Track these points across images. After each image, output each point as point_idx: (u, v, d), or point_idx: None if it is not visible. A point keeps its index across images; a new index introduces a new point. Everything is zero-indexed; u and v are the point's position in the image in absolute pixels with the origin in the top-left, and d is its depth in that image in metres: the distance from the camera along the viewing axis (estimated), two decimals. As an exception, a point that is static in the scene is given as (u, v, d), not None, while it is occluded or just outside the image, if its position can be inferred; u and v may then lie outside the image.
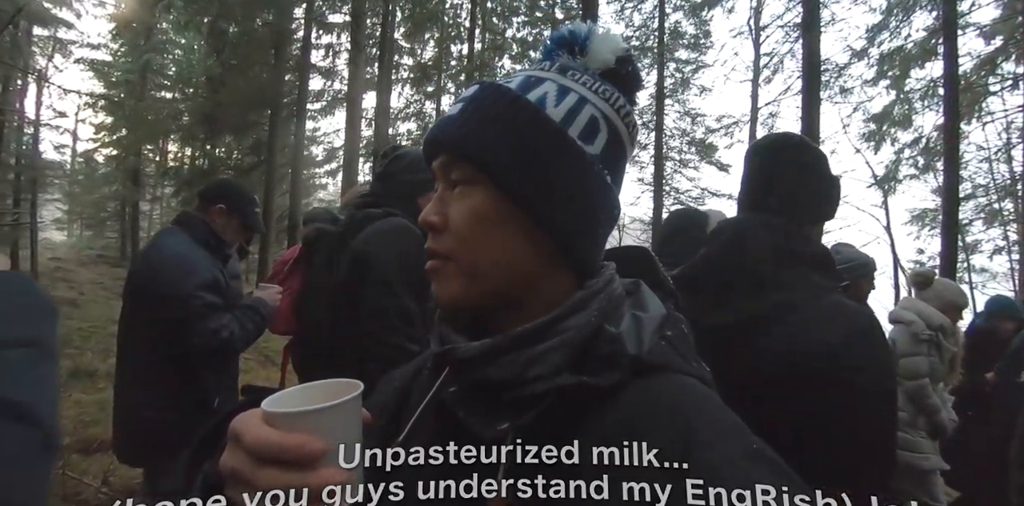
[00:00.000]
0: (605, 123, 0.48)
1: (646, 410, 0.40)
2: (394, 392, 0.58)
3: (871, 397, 0.87)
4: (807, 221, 1.06)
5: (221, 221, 1.98)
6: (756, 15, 15.50)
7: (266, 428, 0.37)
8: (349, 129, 11.51)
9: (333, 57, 14.12)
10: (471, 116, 0.46)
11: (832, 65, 12.45)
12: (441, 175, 0.48)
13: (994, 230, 12.39)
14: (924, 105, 11.60)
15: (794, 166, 1.07)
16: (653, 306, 0.49)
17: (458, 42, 16.81)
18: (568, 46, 0.51)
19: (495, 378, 0.43)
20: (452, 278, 0.47)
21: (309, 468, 0.37)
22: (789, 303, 0.95)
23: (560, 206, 0.45)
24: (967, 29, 10.49)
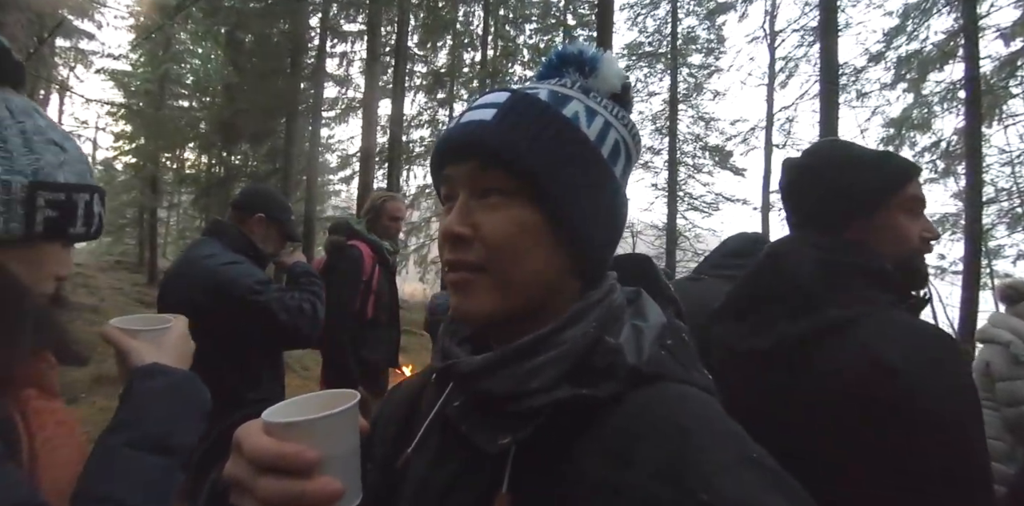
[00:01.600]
0: (624, 147, 0.50)
1: (644, 420, 0.40)
2: (402, 405, 0.59)
3: (942, 425, 0.76)
4: (836, 229, 0.97)
5: (261, 231, 1.93)
6: (771, 20, 15.46)
7: (264, 437, 0.39)
8: (365, 135, 11.57)
9: (347, 65, 14.31)
10: (509, 124, 0.45)
11: (850, 69, 12.34)
12: (467, 181, 0.47)
13: (1018, 234, 12.16)
14: (944, 108, 11.47)
15: (807, 178, 1.02)
16: (653, 315, 0.49)
17: (471, 49, 16.95)
18: (577, 65, 0.51)
19: (496, 391, 0.44)
20: (485, 291, 0.46)
21: (306, 476, 0.38)
22: (836, 322, 0.86)
23: (595, 224, 0.47)
24: (987, 31, 10.37)
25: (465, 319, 0.48)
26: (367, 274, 2.49)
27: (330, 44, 13.66)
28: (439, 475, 0.47)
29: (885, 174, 0.95)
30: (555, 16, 16.17)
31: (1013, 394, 2.51)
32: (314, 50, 13.32)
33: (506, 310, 0.46)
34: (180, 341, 0.76)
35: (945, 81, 11.27)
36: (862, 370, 0.80)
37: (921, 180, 0.99)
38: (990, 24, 10.43)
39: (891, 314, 0.86)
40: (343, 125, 15.00)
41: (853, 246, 0.93)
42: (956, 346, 0.84)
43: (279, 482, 0.38)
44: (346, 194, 17.95)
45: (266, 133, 12.94)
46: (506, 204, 0.45)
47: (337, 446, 0.40)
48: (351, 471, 0.42)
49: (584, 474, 0.39)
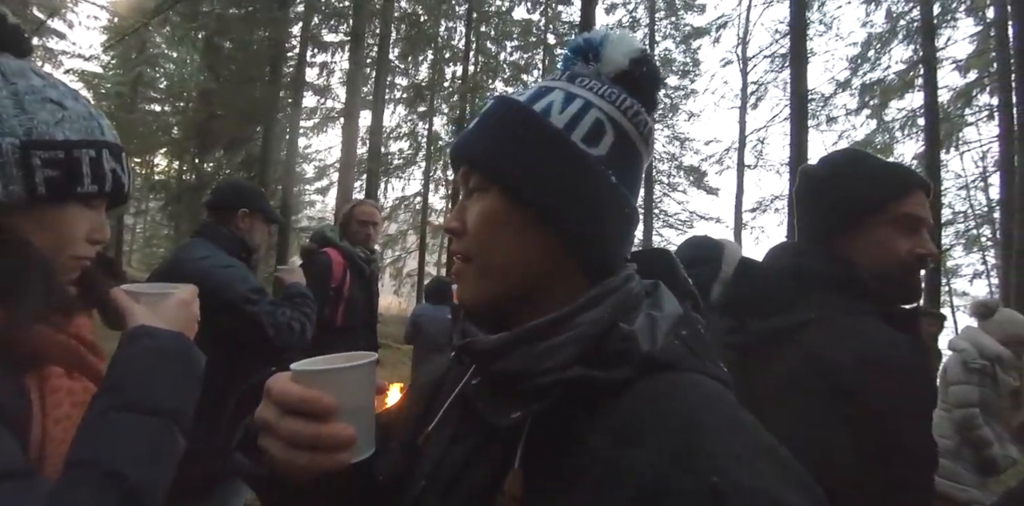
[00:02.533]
0: (611, 125, 0.50)
1: (656, 406, 0.41)
2: (428, 384, 0.62)
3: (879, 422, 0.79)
4: (821, 240, 1.01)
5: (248, 225, 1.89)
6: (743, 46, 16.11)
7: (291, 384, 0.43)
8: (345, 146, 11.48)
9: (327, 75, 14.25)
10: (483, 128, 0.51)
11: (818, 95, 12.89)
12: (461, 184, 0.53)
13: (974, 255, 12.82)
14: (904, 134, 12.07)
15: (799, 190, 1.08)
16: (669, 306, 0.50)
17: (452, 64, 17.09)
18: (583, 54, 0.53)
19: (510, 369, 0.45)
20: (471, 278, 0.51)
21: (324, 421, 0.42)
22: (794, 325, 0.92)
23: (562, 206, 0.47)
24: (944, 63, 11.02)
25: (463, 305, 0.52)
26: (336, 281, 2.45)
27: (311, 53, 13.60)
28: (455, 452, 0.49)
29: (877, 189, 0.97)
30: (536, 34, 16.49)
31: (961, 397, 2.72)
32: (294, 59, 13.23)
33: (492, 294, 0.50)
34: (180, 307, 0.74)
35: (905, 109, 11.92)
36: (807, 369, 0.85)
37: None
38: (947, 56, 11.09)
39: (848, 320, 0.89)
40: (321, 135, 14.91)
41: (825, 255, 0.98)
42: (907, 352, 0.85)
43: (300, 423, 0.42)
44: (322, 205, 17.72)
45: (242, 140, 12.71)
46: (482, 199, 0.50)
47: (354, 398, 0.44)
48: (366, 424, 0.45)
49: (595, 454, 0.40)
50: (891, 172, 1.00)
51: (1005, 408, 2.74)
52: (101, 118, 0.71)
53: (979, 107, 11.24)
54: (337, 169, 13.10)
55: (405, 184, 18.65)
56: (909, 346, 0.86)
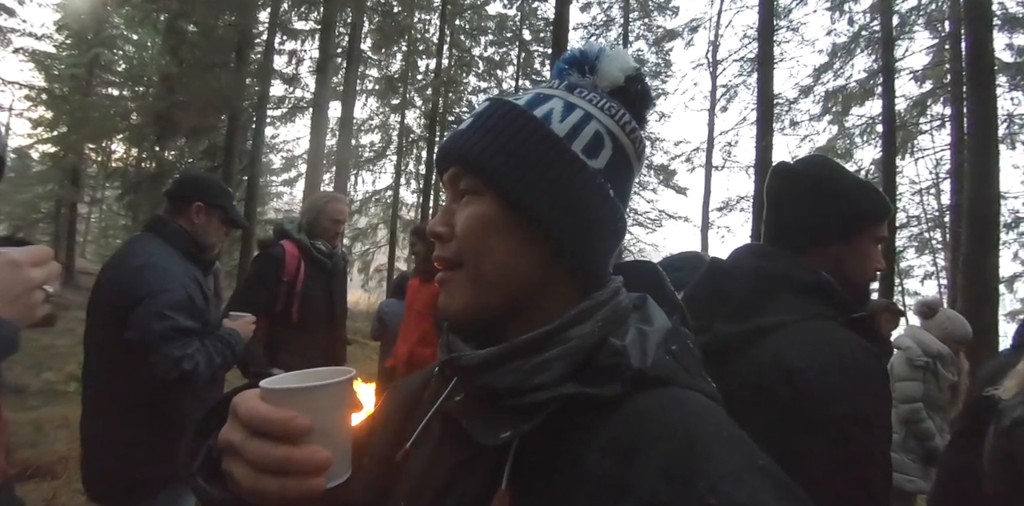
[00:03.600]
0: (610, 139, 0.49)
1: (647, 422, 0.40)
2: (403, 399, 0.59)
3: (829, 427, 0.80)
4: (806, 246, 1.02)
5: (201, 220, 1.80)
6: (714, 49, 16.40)
7: (259, 402, 0.40)
8: (314, 137, 11.22)
9: (297, 64, 13.86)
10: (478, 129, 0.48)
11: (783, 99, 13.24)
12: (449, 186, 0.50)
13: (925, 257, 13.48)
14: (863, 140, 12.52)
15: (782, 193, 1.06)
16: (659, 320, 0.49)
17: (425, 57, 16.89)
18: (579, 65, 0.52)
19: (498, 386, 0.43)
20: (460, 286, 0.48)
21: (295, 443, 0.39)
22: (768, 328, 0.92)
23: (559, 215, 0.46)
24: (902, 73, 11.47)
25: (446, 314, 0.49)
26: (289, 274, 2.37)
27: (279, 41, 13.22)
28: (438, 471, 0.47)
29: (875, 205, 1.03)
30: (511, 30, 16.42)
31: (907, 393, 2.87)
32: (262, 45, 12.84)
33: (481, 304, 0.47)
34: (1, 269, 0.61)
35: (865, 116, 12.36)
36: (767, 373, 0.86)
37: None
38: (905, 66, 11.55)
39: (811, 324, 0.92)
40: (289, 125, 14.49)
41: (791, 261, 1.00)
42: (868, 356, 0.88)
43: (268, 446, 0.38)
44: (289, 197, 17.32)
45: (205, 128, 12.28)
46: (474, 203, 0.48)
47: (329, 418, 0.41)
48: (341, 446, 0.42)
49: (585, 473, 0.39)
50: (877, 190, 1.06)
51: (945, 401, 2.91)
52: None
53: (933, 116, 11.75)
54: (305, 161, 12.80)
55: (376, 177, 18.46)
56: (871, 351, 0.89)
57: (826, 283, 0.97)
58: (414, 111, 17.74)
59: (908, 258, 13.08)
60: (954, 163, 10.05)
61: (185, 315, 1.61)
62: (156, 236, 1.75)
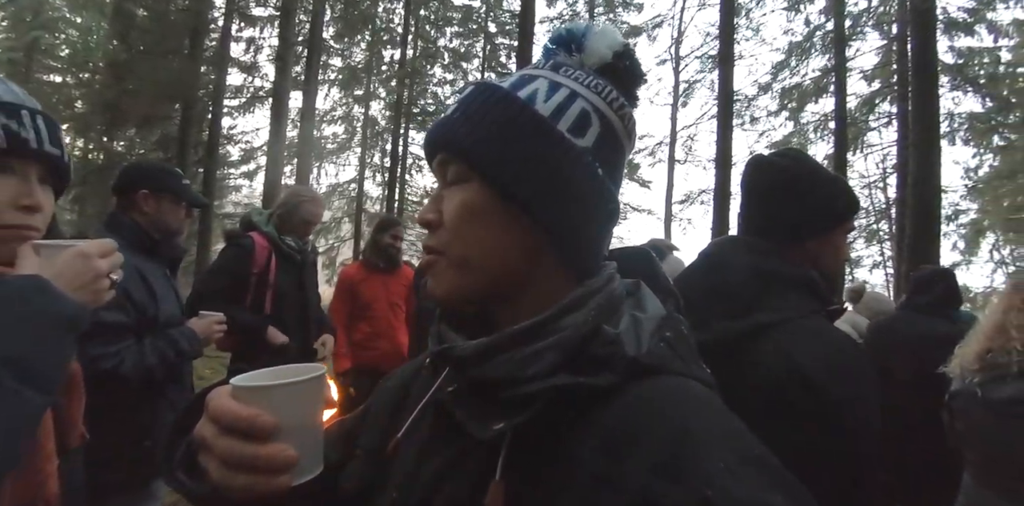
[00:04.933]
0: (597, 116, 0.48)
1: (641, 412, 0.39)
2: (393, 390, 0.59)
3: (843, 429, 0.83)
4: (789, 240, 1.03)
5: (152, 208, 1.70)
6: (676, 46, 16.71)
7: (229, 400, 0.41)
8: (274, 128, 10.89)
9: (255, 52, 13.39)
10: (462, 115, 0.47)
11: (742, 96, 13.63)
12: (438, 174, 0.50)
13: (873, 247, 14.21)
14: (817, 136, 13.04)
15: (765, 186, 1.06)
16: (652, 307, 0.48)
17: (390, 47, 16.56)
18: (565, 44, 0.52)
19: (491, 377, 0.43)
20: (444, 272, 0.47)
21: (261, 441, 0.39)
22: (767, 325, 0.93)
23: (548, 198, 0.45)
24: (853, 72, 11.98)
25: (434, 299, 0.49)
26: (259, 266, 2.32)
27: (236, 27, 12.72)
28: (431, 462, 0.46)
29: (850, 199, 1.08)
30: (477, 21, 16.28)
31: None
32: (217, 32, 12.34)
33: (466, 289, 0.47)
34: (74, 258, 0.68)
35: (819, 113, 12.87)
36: (779, 375, 0.87)
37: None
38: (855, 66, 12.06)
39: (809, 321, 0.95)
40: (248, 115, 13.99)
41: (785, 255, 1.02)
42: (860, 352, 0.93)
43: (235, 443, 0.39)
44: (248, 189, 16.76)
45: (158, 118, 11.74)
46: (461, 190, 0.47)
47: (297, 415, 0.41)
48: (310, 443, 0.43)
49: (580, 465, 0.39)
50: (847, 185, 1.10)
51: None
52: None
53: (880, 114, 12.35)
54: (265, 152, 12.40)
55: (339, 170, 18.04)
56: (858, 345, 0.95)
57: (812, 277, 1.00)
58: (379, 102, 17.42)
59: (857, 248, 13.76)
60: (900, 159, 10.59)
61: (114, 310, 1.50)
62: (113, 234, 1.66)
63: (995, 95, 11.10)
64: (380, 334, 2.97)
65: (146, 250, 1.69)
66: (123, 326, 1.53)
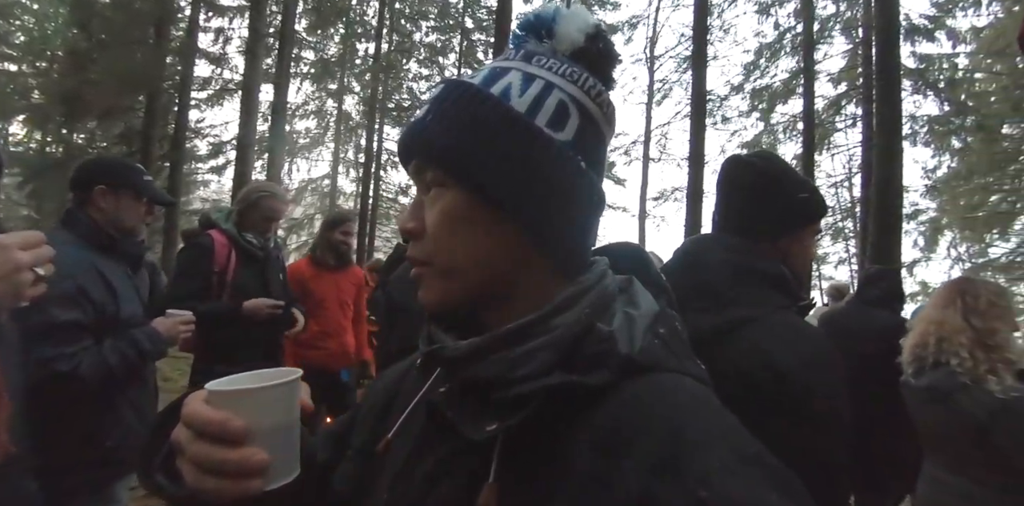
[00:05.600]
0: (575, 107, 0.46)
1: (638, 412, 0.39)
2: (382, 391, 0.58)
3: (818, 421, 0.86)
4: (762, 238, 1.06)
5: (109, 204, 1.63)
6: (651, 45, 16.90)
7: (201, 404, 0.41)
8: (244, 121, 10.60)
9: (224, 43, 13.03)
10: (435, 117, 0.45)
11: (715, 96, 13.88)
12: (415, 180, 0.48)
13: (839, 244, 14.69)
14: (786, 136, 13.39)
15: (743, 185, 1.09)
16: (646, 303, 0.48)
17: (364, 40, 16.32)
18: (535, 31, 0.50)
19: (483, 377, 0.42)
20: (432, 282, 0.47)
21: (232, 445, 0.39)
22: (743, 320, 0.94)
23: (531, 199, 0.44)
24: (820, 75, 12.33)
25: (425, 309, 0.49)
26: (220, 265, 2.25)
27: (204, 17, 12.37)
28: (423, 463, 0.46)
29: (820, 201, 1.13)
30: (454, 16, 16.17)
31: None
32: (184, 21, 11.96)
33: (455, 297, 0.46)
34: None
35: (788, 114, 13.22)
36: (754, 369, 0.88)
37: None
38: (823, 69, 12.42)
39: (782, 316, 0.98)
40: (217, 108, 13.57)
41: (759, 253, 1.05)
42: (831, 347, 0.95)
43: (206, 447, 0.39)
44: (217, 185, 16.32)
45: (120, 110, 11.31)
46: (440, 196, 0.45)
47: (271, 420, 0.41)
48: (284, 447, 0.42)
49: (575, 465, 0.38)
50: (816, 187, 1.14)
51: None
52: None
53: (846, 116, 12.74)
54: (234, 147, 12.08)
55: (312, 165, 17.82)
56: (829, 340, 0.97)
57: (784, 274, 1.03)
58: (353, 97, 17.20)
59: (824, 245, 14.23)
60: (864, 159, 10.94)
61: (70, 309, 1.43)
62: (68, 232, 1.60)
63: (953, 99, 11.55)
64: (329, 333, 2.90)
65: (103, 248, 1.61)
66: (80, 326, 1.47)
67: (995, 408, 1.41)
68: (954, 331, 1.53)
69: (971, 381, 1.45)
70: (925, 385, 1.56)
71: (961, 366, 1.48)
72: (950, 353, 1.51)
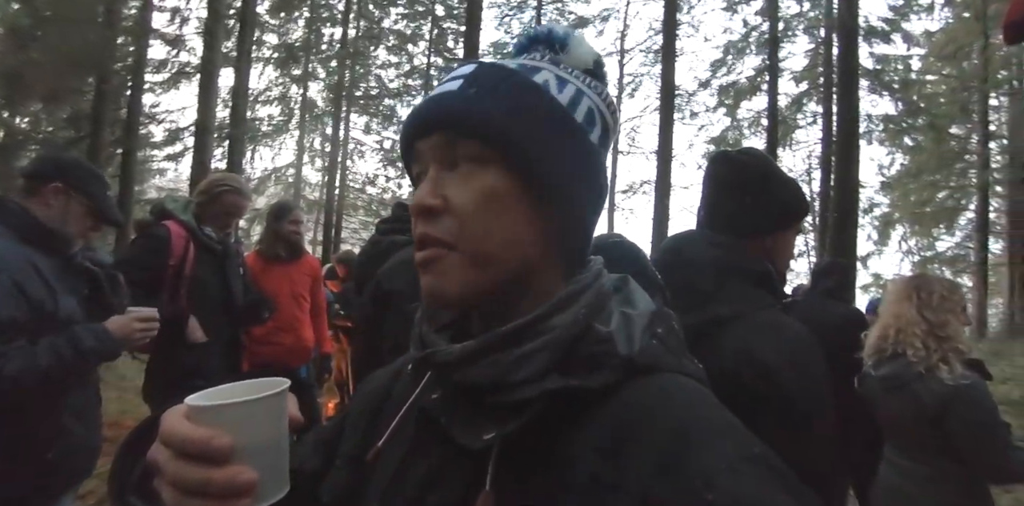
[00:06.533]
0: (599, 116, 0.48)
1: (639, 414, 0.38)
2: (372, 395, 0.56)
3: (801, 416, 0.87)
4: (748, 236, 1.06)
5: (58, 204, 1.52)
6: (622, 39, 17.00)
7: (181, 420, 0.38)
8: (203, 106, 10.17)
9: (181, 23, 12.42)
10: (480, 93, 0.43)
11: (683, 91, 14.11)
12: (436, 154, 0.44)
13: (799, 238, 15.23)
14: (751, 132, 13.74)
15: (730, 183, 1.09)
16: (642, 302, 0.47)
17: (330, 25, 15.84)
18: (548, 43, 0.51)
19: (479, 382, 0.41)
20: (455, 269, 0.42)
21: (216, 463, 0.36)
22: (728, 318, 0.95)
23: (574, 189, 0.44)
24: (784, 72, 12.66)
25: (437, 300, 0.44)
26: (176, 258, 2.12)
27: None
28: (415, 471, 0.44)
29: (804, 198, 1.14)
30: (424, 3, 15.84)
31: None
32: (137, 0, 11.34)
33: (480, 288, 0.43)
34: None
35: (753, 110, 13.54)
36: (740, 368, 0.89)
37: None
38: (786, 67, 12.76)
39: (767, 314, 0.99)
40: (173, 92, 12.97)
41: (745, 250, 1.06)
42: (815, 343, 0.96)
43: (187, 467, 0.36)
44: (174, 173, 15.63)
45: (67, 92, 10.65)
46: (478, 173, 0.42)
47: (258, 434, 0.39)
48: (273, 463, 0.40)
49: (575, 471, 0.37)
50: (800, 186, 1.16)
51: None
52: None
53: (807, 113, 13.15)
54: (193, 133, 11.58)
55: (276, 154, 17.24)
56: (812, 337, 0.98)
57: (770, 272, 1.04)
58: (318, 83, 16.69)
59: (784, 240, 14.76)
60: (823, 155, 11.33)
61: (4, 305, 1.34)
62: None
63: (906, 99, 12.06)
64: (283, 328, 2.77)
65: (33, 242, 1.48)
66: (12, 324, 1.35)
67: (946, 395, 1.49)
68: (909, 323, 1.62)
69: (924, 370, 1.54)
70: (884, 375, 1.64)
71: (916, 356, 1.56)
72: (906, 344, 1.60)
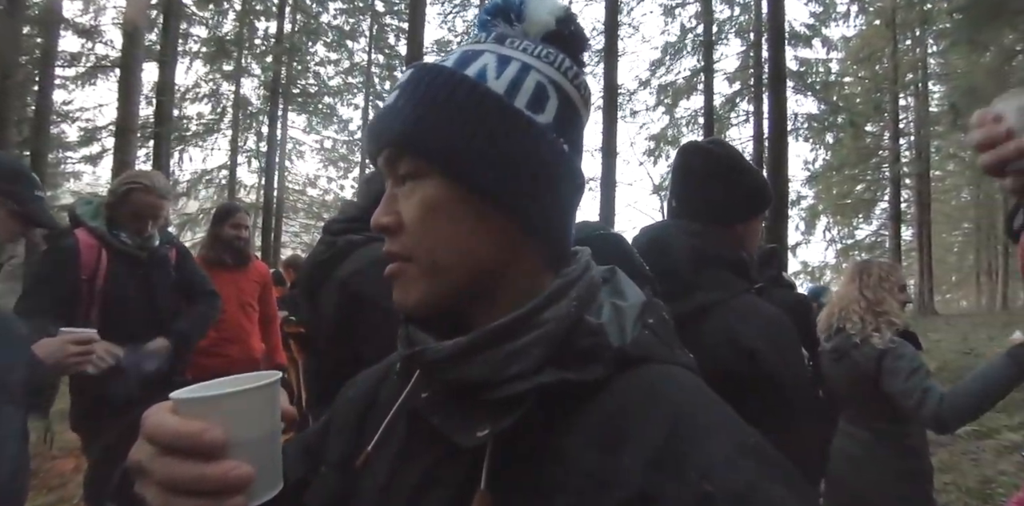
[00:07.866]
0: (554, 88, 0.45)
1: (632, 405, 0.38)
2: (357, 399, 0.54)
3: (785, 394, 0.91)
4: (720, 224, 1.09)
5: None
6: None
7: (168, 415, 0.36)
8: (123, 104, 9.46)
9: (97, 13, 11.52)
10: (407, 103, 0.43)
11: (624, 90, 14.51)
12: (388, 172, 0.45)
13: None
14: (689, 130, 14.34)
15: (702, 172, 1.11)
16: (632, 293, 0.47)
17: (264, 19, 15.15)
18: (504, 14, 0.48)
19: (471, 378, 0.40)
20: (414, 281, 0.43)
21: (209, 458, 0.34)
22: (710, 304, 0.98)
23: (517, 185, 0.42)
24: (718, 73, 13.30)
25: (403, 311, 0.45)
26: (88, 271, 1.91)
27: (69, -17, 10.87)
28: (408, 473, 0.43)
29: (769, 187, 1.19)
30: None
31: None
32: (44, -14, 10.42)
33: (438, 296, 0.43)
34: None
35: (690, 109, 14.16)
36: (726, 350, 0.93)
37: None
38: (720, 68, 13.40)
39: (746, 299, 1.04)
40: (89, 88, 12.01)
41: (720, 237, 1.09)
42: (792, 327, 1.01)
43: (177, 464, 0.34)
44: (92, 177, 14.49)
45: (-36, 87, 9.69)
46: (419, 187, 0.43)
47: (251, 428, 0.37)
48: (267, 457, 0.38)
49: (571, 464, 0.37)
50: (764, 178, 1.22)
51: None
52: None
53: (740, 112, 13.88)
54: (112, 133, 10.76)
55: (207, 155, 16.23)
56: (788, 321, 1.03)
57: (744, 259, 1.08)
58: (252, 80, 15.93)
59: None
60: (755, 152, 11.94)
61: None
62: None
63: (827, 99, 12.95)
64: (229, 339, 2.61)
65: None
66: None
67: (877, 356, 1.67)
68: (851, 302, 1.81)
69: (860, 340, 1.72)
70: (830, 348, 1.82)
71: (854, 329, 1.74)
72: (846, 319, 1.78)
